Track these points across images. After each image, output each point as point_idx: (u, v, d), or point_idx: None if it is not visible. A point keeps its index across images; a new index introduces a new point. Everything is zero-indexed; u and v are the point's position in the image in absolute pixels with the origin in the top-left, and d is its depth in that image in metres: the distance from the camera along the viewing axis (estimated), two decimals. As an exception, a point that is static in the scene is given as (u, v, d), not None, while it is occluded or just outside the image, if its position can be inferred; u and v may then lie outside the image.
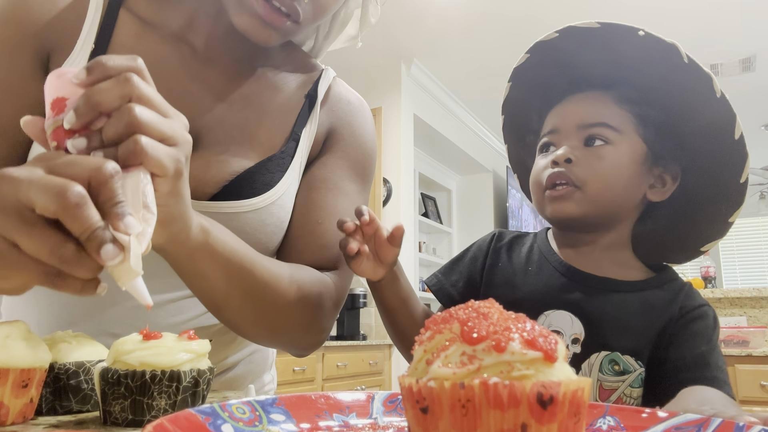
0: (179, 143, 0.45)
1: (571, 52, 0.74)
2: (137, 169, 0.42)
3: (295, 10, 0.66)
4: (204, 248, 0.56)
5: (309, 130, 0.78)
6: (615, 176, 0.70)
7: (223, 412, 0.36)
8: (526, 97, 0.81)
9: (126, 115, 0.41)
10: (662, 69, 0.69)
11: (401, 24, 3.66)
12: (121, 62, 0.43)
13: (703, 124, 0.70)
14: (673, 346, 0.68)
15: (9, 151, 0.67)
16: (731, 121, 0.68)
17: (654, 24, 3.47)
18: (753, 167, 5.61)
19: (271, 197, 0.71)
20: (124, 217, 0.38)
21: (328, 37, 0.88)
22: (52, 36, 0.68)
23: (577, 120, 0.72)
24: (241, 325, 0.67)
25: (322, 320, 0.73)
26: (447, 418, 0.28)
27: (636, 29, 0.67)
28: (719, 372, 0.65)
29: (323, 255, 0.75)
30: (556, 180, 0.71)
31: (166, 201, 0.46)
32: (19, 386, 0.43)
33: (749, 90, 4.43)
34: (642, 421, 0.38)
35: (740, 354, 2.81)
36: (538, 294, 0.73)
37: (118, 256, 0.37)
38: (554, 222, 0.76)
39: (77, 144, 0.41)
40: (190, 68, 0.73)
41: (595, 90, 0.74)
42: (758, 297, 3.42)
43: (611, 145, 0.70)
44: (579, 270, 0.73)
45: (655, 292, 0.71)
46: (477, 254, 0.81)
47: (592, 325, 0.69)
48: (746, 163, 0.69)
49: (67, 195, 0.36)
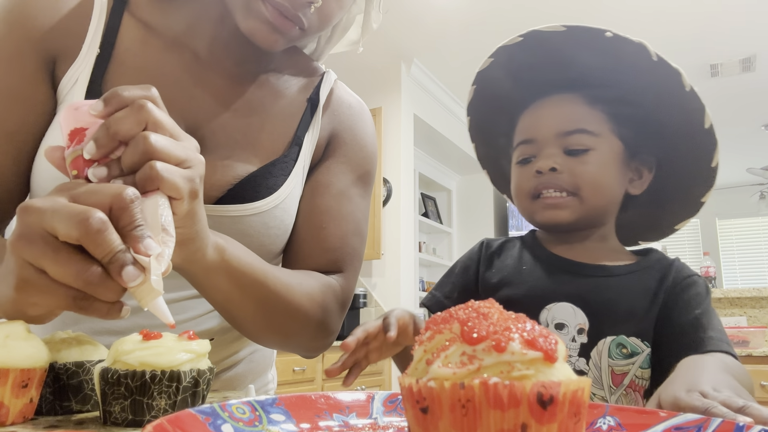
0: (193, 165, 0.47)
1: (540, 55, 0.74)
2: (155, 194, 0.44)
3: (299, 20, 0.66)
4: (220, 266, 0.58)
5: (311, 134, 0.79)
6: (602, 179, 0.72)
7: (223, 412, 0.36)
8: (493, 100, 0.81)
9: (141, 144, 0.44)
10: (632, 68, 0.70)
11: (401, 24, 3.66)
12: (136, 92, 0.45)
13: (674, 117, 0.72)
14: (669, 317, 0.69)
15: (16, 156, 0.67)
16: (701, 112, 0.70)
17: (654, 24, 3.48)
18: (753, 167, 5.62)
19: (275, 201, 0.72)
20: (144, 240, 0.41)
21: (329, 41, 0.88)
22: (57, 42, 0.68)
23: (554, 128, 0.72)
24: (254, 332, 0.69)
25: (331, 324, 0.75)
26: (447, 418, 0.28)
27: (603, 31, 0.67)
28: (715, 332, 0.67)
29: (328, 259, 0.77)
30: (543, 188, 0.72)
31: (183, 222, 0.48)
32: (19, 386, 0.43)
33: (749, 90, 4.43)
34: (642, 421, 0.38)
35: (740, 354, 2.81)
36: (537, 290, 0.73)
37: (139, 277, 0.40)
38: (545, 227, 0.77)
39: (98, 173, 0.44)
40: (194, 72, 0.73)
41: (566, 92, 0.74)
42: (758, 297, 3.42)
43: (593, 150, 0.72)
44: (573, 261, 0.74)
45: (648, 272, 0.73)
46: (468, 264, 0.81)
47: (595, 312, 0.70)
48: (716, 149, 0.71)
49: (89, 222, 0.39)
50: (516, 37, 0.72)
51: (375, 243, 3.98)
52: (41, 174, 0.66)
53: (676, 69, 0.67)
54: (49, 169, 0.65)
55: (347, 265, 0.78)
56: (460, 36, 3.84)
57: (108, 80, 0.68)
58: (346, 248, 0.78)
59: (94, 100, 0.45)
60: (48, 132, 0.68)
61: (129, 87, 0.46)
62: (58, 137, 0.66)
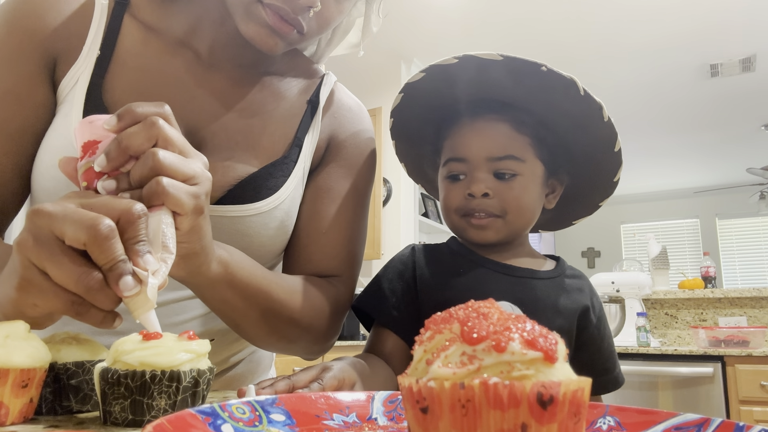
0: (200, 182, 0.48)
1: (472, 77, 0.76)
2: (159, 210, 0.45)
3: (299, 24, 0.66)
4: (224, 278, 0.60)
5: (312, 136, 0.79)
6: (527, 203, 0.76)
7: (223, 412, 0.36)
8: (420, 110, 0.82)
9: (150, 159, 0.45)
10: (560, 99, 0.74)
11: (401, 24, 3.67)
12: (149, 109, 0.47)
13: (591, 141, 0.78)
14: (593, 344, 0.79)
15: (17, 156, 0.68)
16: (614, 139, 0.76)
17: (654, 24, 3.48)
18: (753, 167, 5.62)
19: (275, 201, 0.72)
20: (144, 255, 0.42)
21: (330, 44, 0.88)
22: (58, 43, 0.69)
23: (485, 153, 0.75)
24: (257, 338, 0.70)
25: (331, 328, 0.76)
26: (447, 418, 0.28)
27: (539, 65, 0.70)
28: (619, 366, 0.82)
29: (329, 263, 0.78)
30: (474, 211, 0.76)
31: (188, 238, 0.50)
32: (19, 386, 0.43)
33: (749, 90, 4.43)
34: (642, 421, 0.38)
35: (740, 354, 2.81)
36: (478, 291, 0.75)
37: (135, 288, 0.41)
38: (474, 244, 0.80)
39: (107, 186, 0.46)
40: (195, 74, 0.73)
41: (494, 114, 0.77)
42: (758, 297, 3.42)
43: (520, 176, 0.76)
44: (506, 264, 0.78)
45: (566, 279, 0.80)
46: (402, 269, 0.80)
47: (530, 311, 0.73)
48: (620, 168, 0.79)
49: (99, 227, 0.40)
50: (451, 58, 0.74)
51: (375, 243, 3.98)
52: (42, 174, 0.66)
53: (599, 102, 0.72)
54: (49, 170, 0.65)
55: (347, 269, 0.80)
56: (460, 36, 3.84)
57: (108, 81, 0.68)
58: (347, 253, 0.79)
59: (109, 115, 0.47)
60: (48, 133, 0.68)
61: (143, 104, 0.47)
62: (58, 139, 0.66)
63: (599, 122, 0.74)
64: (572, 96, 0.72)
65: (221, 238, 0.66)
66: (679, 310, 3.61)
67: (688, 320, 3.57)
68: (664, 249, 3.80)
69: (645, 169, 6.43)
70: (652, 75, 4.24)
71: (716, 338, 3.02)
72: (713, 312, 3.52)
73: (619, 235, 7.44)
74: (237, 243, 0.68)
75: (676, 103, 4.74)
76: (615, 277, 3.42)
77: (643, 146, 5.70)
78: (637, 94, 4.57)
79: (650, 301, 3.65)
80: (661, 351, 3.00)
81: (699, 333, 3.09)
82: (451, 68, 0.75)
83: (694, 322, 3.55)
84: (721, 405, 2.80)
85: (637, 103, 4.73)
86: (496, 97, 0.77)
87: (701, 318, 3.54)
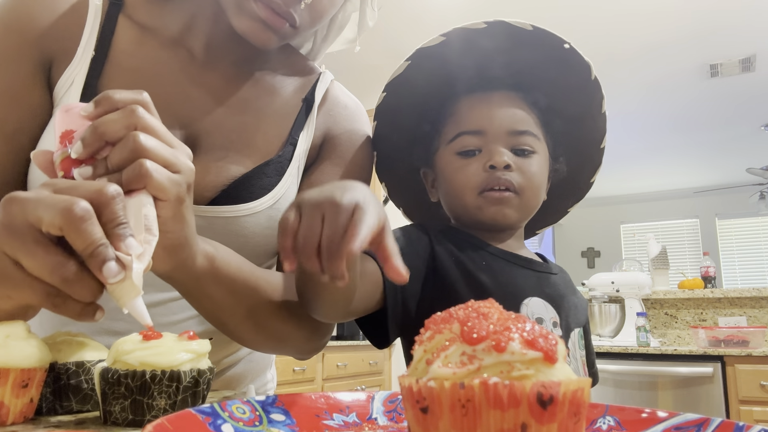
0: (182, 171, 0.46)
1: (484, 48, 0.74)
2: (140, 193, 0.43)
3: (291, 17, 0.66)
4: (210, 273, 0.58)
5: (306, 134, 0.78)
6: (540, 182, 0.74)
7: (223, 412, 0.36)
8: (424, 82, 0.79)
9: (131, 142, 0.43)
10: (572, 83, 0.73)
11: (401, 24, 3.66)
12: (128, 96, 0.45)
13: (587, 129, 0.78)
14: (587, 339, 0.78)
15: (14, 158, 0.67)
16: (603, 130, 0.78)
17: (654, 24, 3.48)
18: (753, 167, 5.62)
19: (269, 201, 0.72)
20: (126, 239, 0.40)
21: (326, 40, 0.88)
22: (53, 44, 0.69)
23: (507, 126, 0.72)
24: (245, 337, 0.68)
25: (324, 325, 0.74)
26: (447, 418, 0.28)
27: (562, 41, 0.69)
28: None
29: None
30: (495, 184, 0.70)
31: (171, 227, 0.47)
32: (20, 386, 0.43)
33: (749, 90, 4.43)
34: (642, 421, 0.38)
35: (740, 354, 2.81)
36: (510, 285, 0.71)
37: (120, 273, 0.39)
38: (486, 225, 0.73)
39: (83, 172, 0.44)
40: (189, 72, 0.73)
41: (506, 90, 0.75)
42: (758, 297, 3.42)
43: (537, 154, 0.73)
44: (524, 257, 0.74)
45: (563, 275, 0.78)
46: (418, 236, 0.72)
47: (559, 306, 0.72)
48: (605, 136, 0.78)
49: (74, 209, 0.38)
50: (480, 22, 0.72)
51: (375, 243, 3.97)
52: (38, 176, 0.66)
53: (602, 94, 0.73)
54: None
55: None
56: (460, 36, 3.83)
57: (103, 82, 0.68)
58: None
59: (85, 103, 0.45)
60: (44, 135, 0.68)
61: (121, 91, 0.45)
62: (53, 140, 0.66)
63: (597, 113, 0.75)
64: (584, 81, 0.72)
65: (215, 239, 0.65)
66: (678, 310, 3.61)
67: (687, 320, 3.57)
68: (664, 249, 3.80)
69: (645, 169, 6.42)
70: (652, 75, 4.24)
71: (716, 338, 3.02)
72: (713, 312, 3.52)
73: (619, 235, 7.43)
74: (232, 243, 0.67)
75: (676, 103, 4.74)
76: (615, 277, 3.42)
77: (643, 146, 5.70)
78: (637, 94, 4.56)
79: (650, 301, 3.65)
80: (660, 351, 3.00)
81: (699, 333, 3.09)
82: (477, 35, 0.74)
83: (693, 322, 3.55)
84: (721, 405, 2.80)
85: (636, 103, 4.72)
86: (510, 73, 0.76)
87: (701, 318, 3.54)
